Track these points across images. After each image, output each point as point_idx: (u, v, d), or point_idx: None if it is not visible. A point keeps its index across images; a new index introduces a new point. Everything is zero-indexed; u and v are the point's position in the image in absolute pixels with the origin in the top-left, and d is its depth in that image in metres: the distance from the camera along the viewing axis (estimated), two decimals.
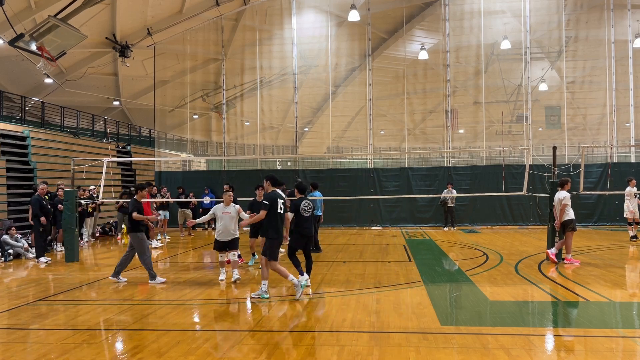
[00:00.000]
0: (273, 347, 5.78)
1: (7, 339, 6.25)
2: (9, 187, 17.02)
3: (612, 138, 21.13)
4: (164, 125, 25.83)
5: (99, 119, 26.76)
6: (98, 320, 7.08)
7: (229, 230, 9.65)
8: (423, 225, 20.97)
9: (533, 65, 22.27)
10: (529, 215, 20.19)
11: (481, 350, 5.53)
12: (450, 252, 13.49)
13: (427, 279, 9.70)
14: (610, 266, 10.82)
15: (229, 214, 9.68)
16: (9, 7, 14.69)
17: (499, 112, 22.32)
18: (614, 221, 19.95)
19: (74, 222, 12.76)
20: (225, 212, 9.69)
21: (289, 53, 23.36)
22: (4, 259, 12.92)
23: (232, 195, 9.81)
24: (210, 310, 7.60)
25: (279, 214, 8.11)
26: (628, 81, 21.38)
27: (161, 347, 5.81)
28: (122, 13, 21.51)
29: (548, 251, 11.40)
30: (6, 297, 8.73)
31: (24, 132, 19.21)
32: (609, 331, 6.25)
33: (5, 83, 23.40)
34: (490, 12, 22.34)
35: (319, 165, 23.81)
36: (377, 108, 23.04)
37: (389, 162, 23.63)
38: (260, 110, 23.98)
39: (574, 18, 21.95)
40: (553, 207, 11.50)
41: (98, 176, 16.36)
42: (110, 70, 26.11)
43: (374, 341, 5.92)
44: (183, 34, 23.62)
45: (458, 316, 7.20)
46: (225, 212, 9.69)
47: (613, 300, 7.97)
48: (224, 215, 9.68)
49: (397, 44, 24.29)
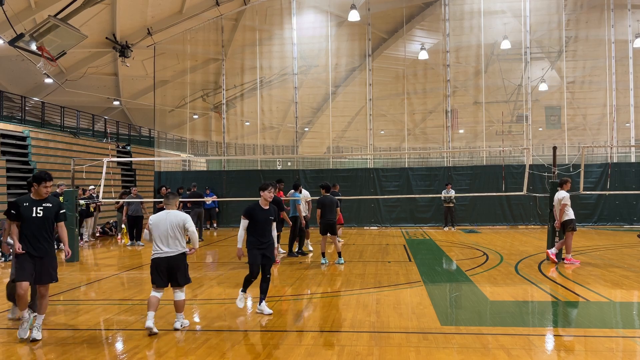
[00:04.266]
0: (273, 347, 5.78)
1: (7, 339, 6.25)
2: (9, 187, 17.02)
3: (612, 138, 21.13)
4: (164, 125, 25.84)
5: (99, 119, 26.77)
6: (98, 320, 7.07)
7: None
8: (423, 225, 20.97)
9: (533, 65, 22.27)
10: (529, 215, 20.19)
11: (481, 350, 5.53)
12: (450, 252, 13.49)
13: (427, 279, 9.69)
14: (610, 266, 10.82)
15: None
16: (9, 7, 14.69)
17: (499, 112, 22.33)
18: (614, 221, 19.96)
19: (74, 222, 12.76)
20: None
21: (289, 53, 23.35)
22: (4, 259, 12.93)
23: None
24: (210, 310, 7.60)
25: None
26: (628, 81, 21.38)
27: (161, 347, 5.81)
28: (122, 13, 21.52)
29: (548, 251, 11.40)
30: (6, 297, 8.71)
31: (24, 132, 19.22)
32: (609, 331, 6.25)
33: (5, 83, 23.40)
34: (490, 12, 22.34)
35: (319, 165, 23.81)
36: (377, 108, 23.04)
37: (389, 162, 23.63)
38: (260, 110, 23.98)
39: (574, 18, 21.95)
40: (553, 207, 11.50)
41: (98, 176, 16.37)
42: (110, 70, 26.12)
43: (374, 341, 5.92)
44: (183, 34, 23.62)
45: (458, 316, 7.19)
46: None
47: (613, 300, 7.97)
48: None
49: (397, 44, 24.29)
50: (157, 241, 6.48)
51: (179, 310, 6.61)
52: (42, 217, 6.21)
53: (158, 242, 6.47)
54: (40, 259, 6.16)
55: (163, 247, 6.44)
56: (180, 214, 6.69)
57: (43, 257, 6.19)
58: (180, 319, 6.62)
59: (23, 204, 6.19)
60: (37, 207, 6.21)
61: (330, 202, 11.77)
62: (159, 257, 6.44)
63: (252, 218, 7.20)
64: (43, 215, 6.23)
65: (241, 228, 7.26)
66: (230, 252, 14.12)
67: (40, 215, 6.21)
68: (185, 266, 6.61)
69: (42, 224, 6.21)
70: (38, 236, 6.15)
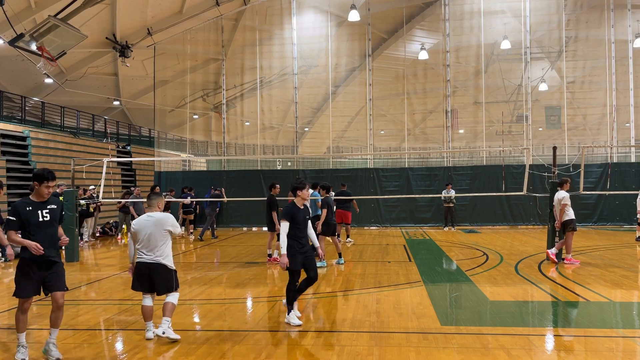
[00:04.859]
0: (273, 347, 5.78)
1: (7, 339, 6.25)
2: (9, 187, 17.02)
3: (612, 138, 21.13)
4: (164, 125, 25.83)
5: (99, 119, 26.78)
6: (98, 320, 7.07)
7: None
8: (423, 225, 20.97)
9: (533, 65, 22.27)
10: (529, 215, 20.19)
11: (481, 350, 5.53)
12: (450, 252, 13.49)
13: (427, 278, 9.69)
14: (610, 266, 10.82)
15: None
16: (9, 7, 14.69)
17: (499, 112, 22.33)
18: (614, 221, 19.96)
19: (74, 222, 12.77)
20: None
21: (289, 53, 23.35)
22: (4, 259, 12.92)
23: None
24: (210, 310, 7.60)
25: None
26: (628, 81, 21.38)
27: (161, 347, 5.81)
28: (122, 13, 21.52)
29: (548, 251, 11.40)
30: (6, 297, 8.71)
31: (24, 132, 19.22)
32: (609, 331, 6.25)
33: (5, 83, 23.40)
34: (490, 12, 22.34)
35: (319, 165, 23.81)
36: (377, 108, 23.04)
37: (389, 162, 23.63)
38: (260, 110, 23.98)
39: (574, 18, 21.95)
40: (553, 207, 11.50)
41: (98, 176, 16.37)
42: (110, 70, 26.12)
43: (374, 341, 5.92)
44: (183, 34, 23.62)
45: (458, 316, 7.19)
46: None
47: (613, 300, 7.97)
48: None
49: (397, 44, 24.28)
50: (139, 246, 6.02)
51: (166, 314, 5.99)
52: (49, 220, 5.45)
53: (140, 246, 6.01)
54: (48, 268, 5.43)
55: (145, 253, 5.97)
56: (164, 217, 6.12)
57: (52, 266, 5.45)
58: (165, 325, 5.93)
59: (25, 209, 5.37)
60: (42, 210, 5.42)
61: (331, 203, 11.92)
62: (141, 261, 5.99)
63: (293, 220, 6.58)
64: (50, 218, 5.46)
65: (282, 232, 6.54)
66: (231, 252, 14.13)
67: (47, 219, 5.43)
68: (168, 275, 6.02)
69: (49, 229, 5.45)
70: (47, 243, 5.37)
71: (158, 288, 6.02)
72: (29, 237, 5.35)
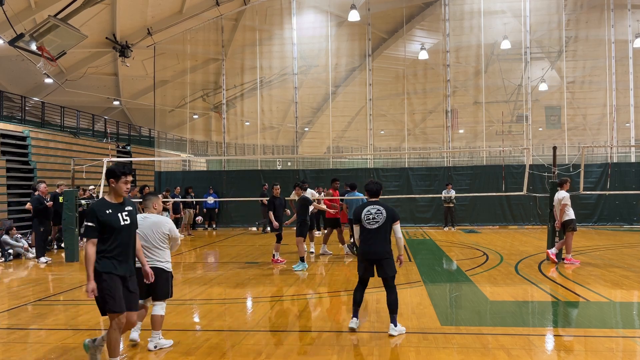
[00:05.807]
0: (273, 347, 5.78)
1: (7, 339, 6.25)
2: (9, 187, 17.02)
3: (612, 138, 21.13)
4: (164, 125, 25.83)
5: (99, 119, 26.77)
6: (98, 320, 7.07)
7: None
8: (423, 225, 20.96)
9: (533, 65, 22.26)
10: (529, 215, 20.18)
11: (481, 350, 5.53)
12: (450, 252, 13.49)
13: (427, 278, 9.69)
14: (610, 266, 10.82)
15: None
16: (9, 7, 14.68)
17: (499, 112, 22.32)
18: (614, 221, 19.96)
19: (74, 222, 12.76)
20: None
21: (289, 53, 23.35)
22: (4, 259, 12.93)
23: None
24: (210, 310, 7.60)
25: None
26: (628, 81, 21.37)
27: (161, 347, 5.80)
28: (122, 13, 21.51)
29: (548, 251, 11.40)
30: (6, 297, 8.73)
31: (24, 132, 19.21)
32: (609, 331, 6.25)
33: (5, 83, 23.39)
34: (490, 12, 22.34)
35: (319, 165, 23.80)
36: (377, 108, 23.04)
37: (389, 162, 23.63)
38: (260, 110, 23.98)
39: (574, 18, 21.95)
40: (553, 207, 11.50)
41: (98, 176, 16.36)
42: (110, 70, 26.11)
43: (374, 341, 5.92)
44: (183, 34, 23.62)
45: (458, 316, 7.20)
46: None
47: (613, 300, 7.97)
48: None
49: (397, 44, 24.28)
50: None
51: (155, 328, 5.68)
52: (129, 224, 4.82)
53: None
54: (131, 277, 4.90)
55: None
56: (161, 219, 5.74)
57: (133, 275, 4.94)
58: (156, 338, 5.66)
59: (105, 211, 4.68)
60: (121, 212, 4.77)
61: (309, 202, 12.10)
62: (137, 266, 5.40)
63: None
64: (130, 222, 4.84)
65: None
66: (231, 252, 14.12)
67: (127, 223, 4.79)
68: (163, 280, 5.64)
69: (130, 234, 4.84)
70: (129, 250, 4.83)
71: (155, 293, 5.68)
72: (105, 246, 4.68)
